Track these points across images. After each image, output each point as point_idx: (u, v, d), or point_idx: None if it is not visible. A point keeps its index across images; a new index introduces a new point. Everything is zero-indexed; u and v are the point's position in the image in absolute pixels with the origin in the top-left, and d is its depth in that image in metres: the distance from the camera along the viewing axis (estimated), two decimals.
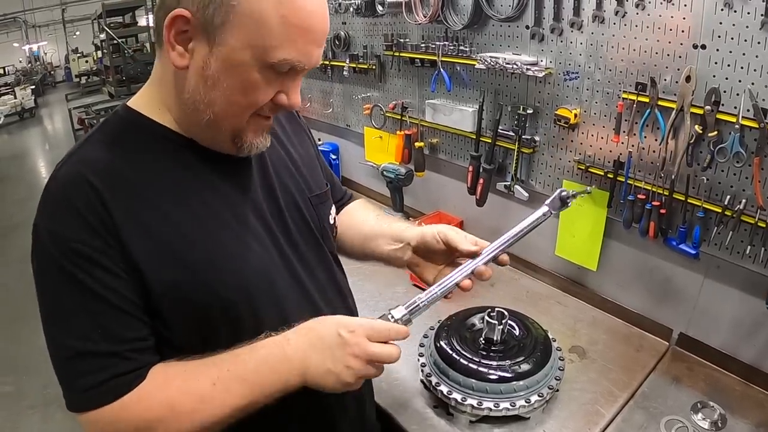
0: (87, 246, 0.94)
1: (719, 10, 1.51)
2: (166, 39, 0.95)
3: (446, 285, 1.20)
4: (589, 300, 2.08)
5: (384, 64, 2.70)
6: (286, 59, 0.96)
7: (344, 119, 3.15)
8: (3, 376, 4.11)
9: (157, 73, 1.07)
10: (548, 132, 2.07)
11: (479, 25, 2.17)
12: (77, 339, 0.96)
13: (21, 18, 21.18)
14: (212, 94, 0.98)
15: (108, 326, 0.97)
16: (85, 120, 9.47)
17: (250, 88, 0.98)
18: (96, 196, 0.96)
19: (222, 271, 1.05)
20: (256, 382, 1.02)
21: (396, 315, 1.11)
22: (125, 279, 0.97)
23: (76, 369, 0.97)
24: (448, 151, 2.54)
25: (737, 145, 1.53)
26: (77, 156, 1.02)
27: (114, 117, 1.09)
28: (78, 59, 19.64)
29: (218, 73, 0.96)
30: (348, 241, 1.51)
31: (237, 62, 0.95)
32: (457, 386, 1.52)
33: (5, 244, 6.60)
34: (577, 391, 1.64)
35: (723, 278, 1.73)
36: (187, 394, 1.00)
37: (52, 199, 0.98)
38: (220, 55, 0.94)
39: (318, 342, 1.04)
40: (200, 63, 0.96)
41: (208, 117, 1.00)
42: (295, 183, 1.26)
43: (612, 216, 1.96)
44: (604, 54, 1.81)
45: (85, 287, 0.95)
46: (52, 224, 0.96)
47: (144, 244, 0.98)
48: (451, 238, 1.28)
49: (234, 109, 1.00)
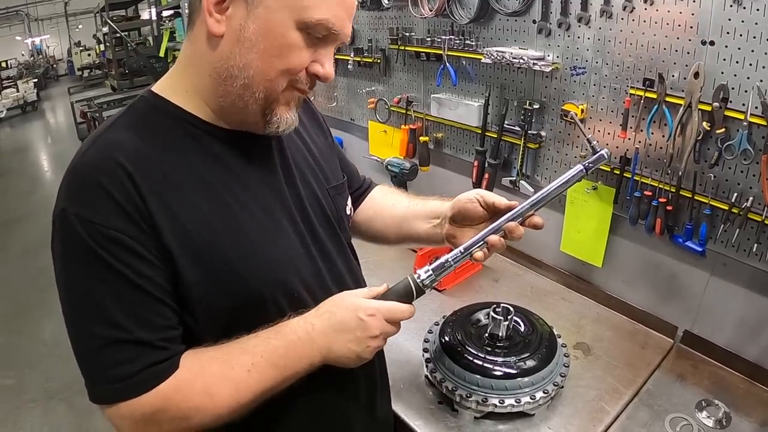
0: (121, 232, 0.93)
1: (728, 6, 1.50)
2: (205, 8, 0.96)
3: (473, 245, 1.19)
4: (594, 296, 2.08)
5: (389, 58, 2.69)
6: (322, 19, 0.97)
7: (348, 113, 3.14)
8: (4, 370, 4.11)
9: (184, 54, 1.07)
10: (554, 127, 2.06)
11: (486, 20, 2.16)
12: (110, 327, 0.94)
13: (23, 11, 21.16)
14: (249, 56, 0.98)
15: (142, 314, 0.96)
16: (87, 113, 9.45)
17: (287, 49, 0.98)
18: (129, 180, 0.94)
19: (251, 263, 1.05)
20: (287, 365, 1.05)
21: (422, 275, 1.15)
22: (158, 267, 0.97)
23: (105, 359, 0.95)
24: (453, 146, 2.54)
25: (745, 143, 1.52)
26: (104, 140, 1.00)
27: (139, 102, 1.07)
28: (80, 53, 19.63)
29: (255, 35, 0.96)
30: (380, 227, 1.52)
31: (275, 22, 0.96)
32: (462, 382, 1.51)
33: (7, 237, 6.61)
34: (582, 388, 1.63)
35: (729, 276, 1.73)
36: (224, 382, 1.01)
37: (81, 183, 0.95)
38: (257, 16, 0.96)
39: (340, 326, 1.08)
40: (237, 26, 0.97)
41: (243, 82, 1.00)
42: (314, 174, 1.26)
43: (618, 212, 1.95)
44: (611, 49, 1.80)
45: (119, 274, 0.93)
46: (83, 210, 0.93)
47: (175, 233, 0.97)
48: (488, 196, 1.27)
49: (270, 72, 0.99)
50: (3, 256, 6.06)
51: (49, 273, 1.02)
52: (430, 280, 1.15)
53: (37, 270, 5.42)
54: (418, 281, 1.14)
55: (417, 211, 1.45)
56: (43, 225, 5.22)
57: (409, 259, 2.14)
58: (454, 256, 1.17)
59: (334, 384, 1.21)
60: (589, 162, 1.23)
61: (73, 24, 21.79)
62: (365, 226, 1.54)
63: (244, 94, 1.01)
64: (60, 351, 4.10)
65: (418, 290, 1.15)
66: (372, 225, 1.53)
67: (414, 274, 1.15)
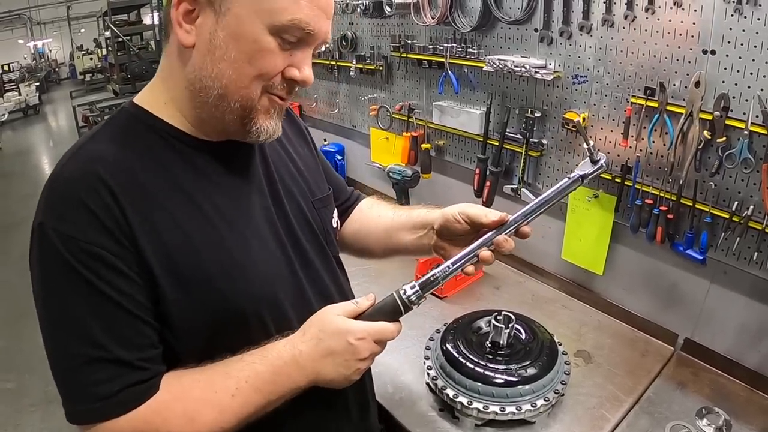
0: (102, 248, 0.91)
1: (729, 15, 1.51)
2: (174, 19, 0.95)
3: (461, 259, 1.16)
4: (594, 304, 2.08)
5: (391, 65, 2.69)
6: (294, 19, 0.94)
7: (350, 120, 3.15)
8: (5, 374, 4.11)
9: (164, 68, 1.06)
10: (556, 135, 2.07)
11: (488, 28, 2.17)
12: (89, 345, 0.92)
13: (26, 15, 21.22)
14: (220, 65, 0.96)
15: (122, 332, 0.94)
16: (89, 117, 9.48)
17: (258, 54, 0.96)
18: (110, 195, 0.92)
19: (232, 279, 1.04)
20: (272, 391, 1.03)
21: (408, 291, 1.12)
22: (138, 284, 0.95)
23: (83, 377, 0.93)
24: (455, 153, 2.54)
25: (746, 151, 1.53)
26: (84, 152, 0.98)
27: (120, 114, 1.06)
28: (82, 56, 19.65)
29: (225, 43, 0.94)
30: (367, 241, 1.49)
31: (244, 29, 0.94)
32: (463, 389, 1.52)
33: (8, 240, 6.60)
34: (583, 396, 1.63)
35: (729, 284, 1.73)
36: (206, 406, 0.99)
37: (59, 197, 0.93)
38: (226, 24, 0.94)
39: (328, 352, 1.06)
40: (207, 36, 0.95)
41: (217, 92, 0.98)
42: (298, 187, 1.25)
43: (619, 220, 1.95)
44: (613, 58, 1.80)
45: (99, 291, 0.92)
46: (62, 225, 0.91)
47: (155, 249, 0.96)
48: (472, 213, 1.22)
49: (243, 79, 0.97)
50: (4, 259, 6.05)
51: None
52: (417, 297, 1.12)
53: None
54: (404, 298, 1.11)
55: (401, 222, 1.42)
56: None
57: (411, 267, 2.14)
58: (442, 271, 1.15)
59: (324, 401, 1.19)
60: (584, 173, 1.19)
61: (76, 28, 21.85)
62: (352, 240, 1.52)
63: (220, 105, 0.99)
64: None
65: (405, 307, 1.12)
66: (358, 239, 1.51)
67: (400, 291, 1.12)
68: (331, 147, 3.23)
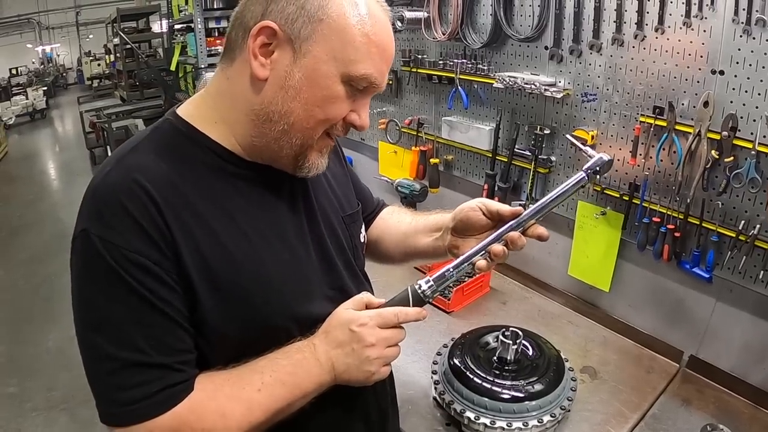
0: (144, 256, 0.93)
1: (738, 36, 1.53)
2: (249, 49, 0.98)
3: (473, 253, 1.16)
4: (600, 320, 2.09)
5: (401, 80, 2.72)
6: (366, 73, 1.00)
7: (359, 133, 3.13)
8: (7, 378, 4.11)
9: (218, 87, 1.07)
10: (564, 152, 2.09)
11: (498, 44, 2.19)
12: (130, 350, 0.94)
13: (35, 19, 21.31)
14: (291, 104, 1.00)
15: (161, 338, 0.96)
16: (96, 124, 9.49)
17: (330, 100, 1.01)
18: (153, 204, 0.94)
19: (267, 294, 1.06)
20: (295, 384, 1.06)
21: (423, 285, 1.13)
22: (177, 292, 0.97)
23: (123, 381, 0.94)
24: (463, 169, 2.56)
25: (753, 171, 1.54)
26: (128, 162, 1.00)
27: (165, 125, 1.08)
28: (90, 62, 19.74)
29: (300, 84, 0.98)
30: (386, 246, 1.51)
31: (321, 73, 0.98)
32: (471, 405, 1.52)
33: (14, 244, 6.62)
34: (589, 412, 1.64)
35: (735, 302, 1.74)
36: (236, 402, 1.01)
37: (104, 205, 0.95)
38: (304, 65, 0.98)
39: (335, 342, 1.09)
40: (282, 73, 0.98)
41: (282, 128, 1.01)
42: (330, 203, 1.27)
43: (626, 238, 1.96)
44: (622, 77, 1.82)
45: (141, 297, 0.93)
46: (106, 232, 0.93)
47: (195, 260, 0.98)
48: (490, 204, 1.25)
49: (310, 121, 1.02)
50: (9, 263, 6.06)
51: (53, 282, 1.02)
52: (431, 290, 1.13)
53: (42, 278, 5.44)
54: (418, 291, 1.13)
55: (419, 226, 1.44)
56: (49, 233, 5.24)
57: None
58: (455, 265, 1.15)
59: (344, 405, 1.21)
60: (587, 167, 1.18)
61: (84, 34, 21.96)
62: (373, 246, 1.53)
63: (281, 139, 1.03)
64: (63, 360, 4.10)
65: (418, 300, 1.13)
66: (379, 245, 1.53)
67: (415, 285, 1.14)
68: None
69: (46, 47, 22.10)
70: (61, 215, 7.14)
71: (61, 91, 20.89)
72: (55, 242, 6.24)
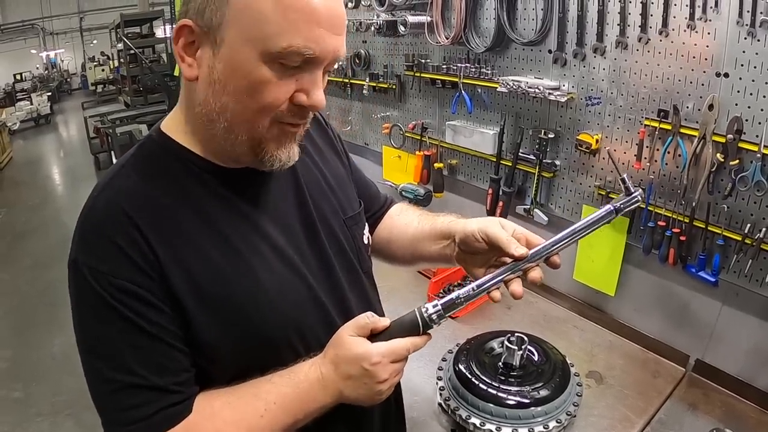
0: (131, 282, 0.93)
1: (743, 38, 1.52)
2: (175, 52, 0.95)
3: (486, 285, 1.11)
4: (606, 325, 2.08)
5: (404, 84, 2.72)
6: (290, 46, 0.88)
7: (363, 137, 3.17)
8: (12, 383, 4.13)
9: (183, 96, 1.05)
10: (569, 156, 2.08)
11: (501, 48, 2.19)
12: (123, 373, 0.95)
13: (39, 25, 21.42)
14: (222, 99, 0.94)
15: (156, 360, 0.96)
16: (100, 129, 9.52)
17: (257, 86, 0.92)
18: (136, 229, 0.94)
19: (261, 308, 1.05)
20: (299, 410, 1.04)
21: (430, 309, 1.08)
22: (168, 314, 0.97)
23: (121, 402, 0.95)
24: (468, 173, 2.55)
25: (758, 174, 1.54)
26: (112, 187, 1.00)
27: (148, 141, 1.07)
28: (94, 67, 19.79)
29: (224, 75, 0.92)
30: (395, 249, 1.48)
31: (239, 60, 0.90)
32: (476, 411, 1.52)
33: (19, 249, 6.65)
34: (595, 417, 1.63)
35: (741, 306, 1.73)
36: (235, 427, 1.01)
37: (90, 234, 0.97)
38: (222, 55, 0.91)
39: (346, 375, 1.05)
40: (207, 69, 0.93)
41: (223, 125, 0.96)
42: (330, 206, 1.23)
43: (631, 242, 1.96)
44: (626, 80, 1.82)
45: (132, 323, 0.94)
46: (93, 261, 0.94)
47: (183, 279, 0.97)
48: (494, 236, 1.14)
49: (246, 112, 0.94)
50: (13, 269, 6.09)
51: (58, 287, 1.04)
52: (438, 316, 1.07)
53: (46, 283, 5.46)
54: (425, 315, 1.07)
55: (426, 232, 1.38)
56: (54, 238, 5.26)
57: (423, 285, 2.14)
58: (466, 294, 1.10)
59: (346, 417, 1.18)
60: (621, 203, 1.11)
61: (88, 39, 22.05)
62: (382, 248, 1.50)
63: (228, 137, 0.98)
64: (68, 365, 4.11)
65: (425, 325, 1.08)
66: (388, 247, 1.49)
67: (422, 308, 1.09)
68: None
69: (50, 53, 22.21)
70: (65, 220, 7.16)
71: (65, 96, 20.96)
72: (60, 247, 6.21)
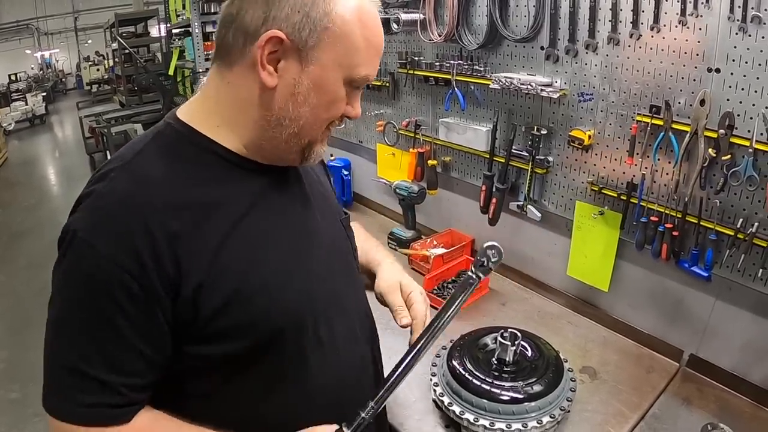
0: (127, 273, 0.93)
1: (734, 34, 1.52)
2: (258, 59, 0.98)
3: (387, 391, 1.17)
4: (600, 320, 2.08)
5: (397, 82, 2.72)
6: (367, 75, 1.06)
7: (356, 135, 3.17)
8: (9, 383, 4.11)
9: (218, 91, 1.07)
10: (562, 153, 2.08)
11: (494, 45, 2.19)
12: (80, 358, 0.95)
13: (33, 25, 21.39)
14: (301, 110, 1.03)
15: (112, 355, 0.96)
16: (95, 129, 9.49)
17: (335, 102, 1.06)
18: (153, 213, 0.95)
19: (273, 296, 1.07)
20: None
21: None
22: (157, 316, 0.97)
23: (69, 380, 0.96)
24: (461, 170, 2.56)
25: (750, 169, 1.54)
26: (134, 168, 1.01)
27: (168, 129, 1.08)
28: (89, 67, 19.75)
29: (309, 90, 1.02)
30: None
31: (328, 80, 1.02)
32: (470, 406, 1.52)
33: (14, 249, 6.62)
34: (588, 412, 1.64)
35: (734, 300, 1.73)
36: None
37: (103, 212, 0.96)
38: (311, 73, 1.01)
39: None
40: (291, 81, 1.01)
41: (292, 131, 1.05)
42: (329, 207, 1.30)
43: (624, 237, 1.96)
44: (618, 76, 1.82)
45: (105, 313, 0.94)
46: (95, 239, 0.94)
47: (201, 268, 0.98)
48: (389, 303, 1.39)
49: (318, 122, 1.07)
50: (9, 269, 6.06)
51: None
52: None
53: (42, 284, 5.36)
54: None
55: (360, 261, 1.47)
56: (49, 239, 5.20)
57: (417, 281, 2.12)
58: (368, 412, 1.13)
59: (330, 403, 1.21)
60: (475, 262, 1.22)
61: (83, 39, 22.02)
62: None
63: (291, 140, 1.07)
64: None
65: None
66: None
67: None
68: (338, 162, 3.25)
69: (44, 53, 22.17)
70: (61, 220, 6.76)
71: (60, 96, 20.92)
72: (56, 247, 6.20)
